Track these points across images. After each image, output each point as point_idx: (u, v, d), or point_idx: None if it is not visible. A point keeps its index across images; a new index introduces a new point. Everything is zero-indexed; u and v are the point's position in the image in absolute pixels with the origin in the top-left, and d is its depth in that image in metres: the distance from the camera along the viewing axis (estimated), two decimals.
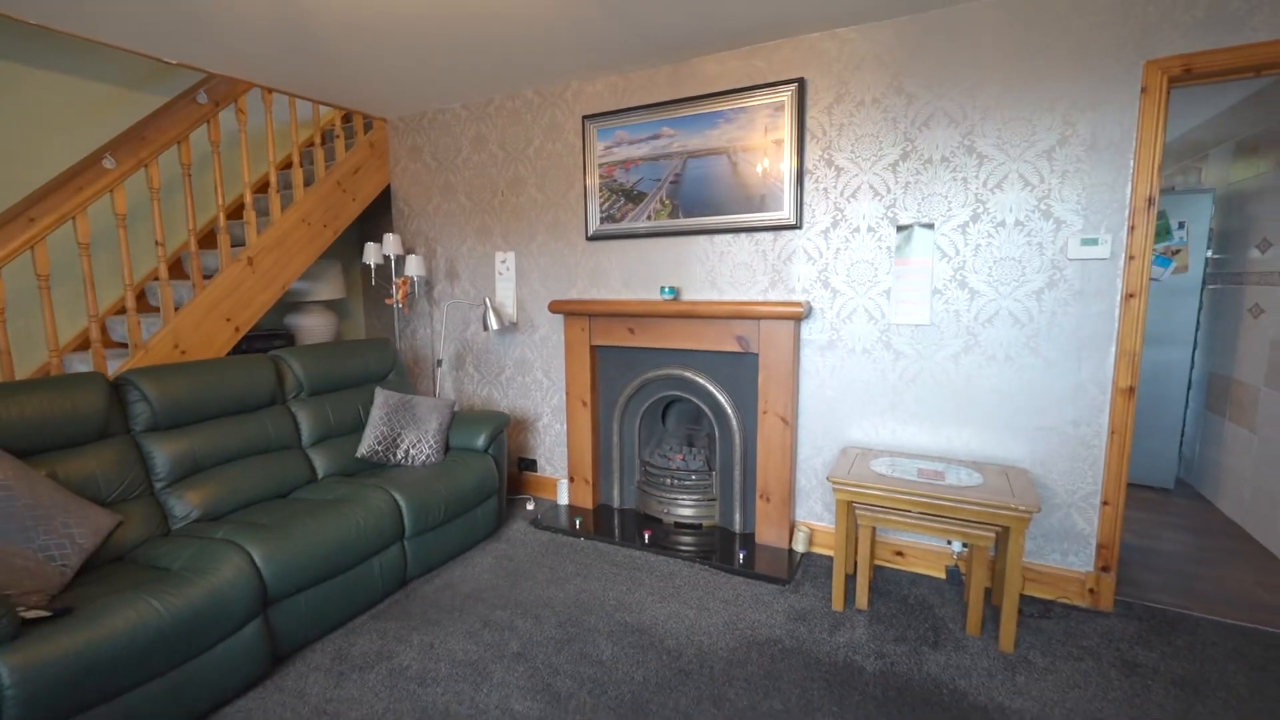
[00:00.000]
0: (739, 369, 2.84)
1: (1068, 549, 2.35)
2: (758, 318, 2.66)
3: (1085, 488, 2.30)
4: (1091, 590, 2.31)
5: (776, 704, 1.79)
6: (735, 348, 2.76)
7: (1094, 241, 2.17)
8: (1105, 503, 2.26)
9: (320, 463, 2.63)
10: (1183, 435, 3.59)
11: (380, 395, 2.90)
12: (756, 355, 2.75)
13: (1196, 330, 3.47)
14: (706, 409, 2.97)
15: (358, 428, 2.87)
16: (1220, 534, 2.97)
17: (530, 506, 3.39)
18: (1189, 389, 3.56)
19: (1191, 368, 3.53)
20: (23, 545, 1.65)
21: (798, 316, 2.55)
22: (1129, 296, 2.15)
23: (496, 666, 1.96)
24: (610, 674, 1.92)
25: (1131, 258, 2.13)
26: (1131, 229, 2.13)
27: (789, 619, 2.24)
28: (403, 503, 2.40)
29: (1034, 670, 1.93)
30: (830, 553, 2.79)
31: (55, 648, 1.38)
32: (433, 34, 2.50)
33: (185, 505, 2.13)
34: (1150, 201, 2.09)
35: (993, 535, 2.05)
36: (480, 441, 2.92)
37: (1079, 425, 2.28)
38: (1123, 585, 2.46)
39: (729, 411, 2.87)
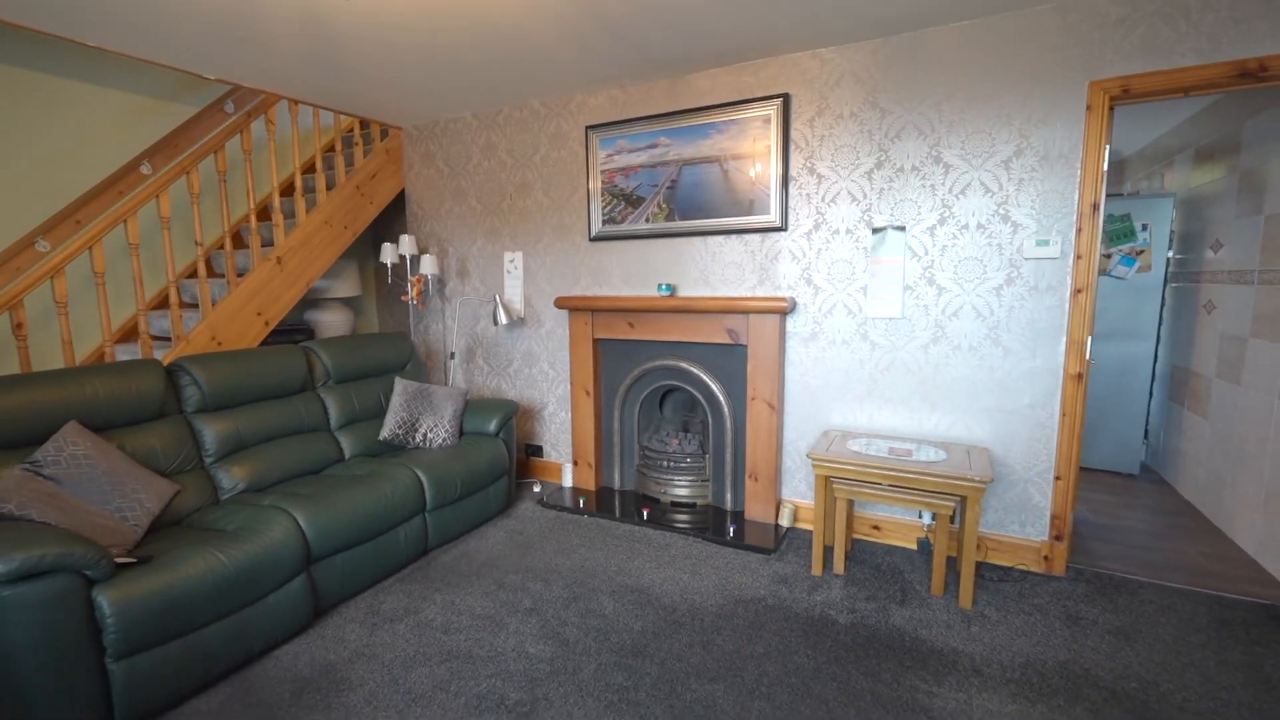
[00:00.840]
0: (729, 359, 3.09)
1: (1025, 520, 2.59)
2: (746, 312, 2.91)
3: (1040, 464, 2.54)
4: (1046, 557, 2.55)
5: (759, 648, 2.03)
6: (726, 340, 3.00)
7: (1046, 243, 2.42)
8: (1058, 478, 2.51)
9: (347, 444, 2.88)
10: (1147, 424, 3.84)
11: (399, 384, 3.14)
12: (746, 347, 2.99)
13: (1159, 325, 3.71)
14: (700, 397, 3.22)
15: (379, 413, 3.12)
16: (1176, 513, 3.21)
17: (537, 489, 3.63)
18: (1153, 381, 3.81)
19: (1155, 361, 3.77)
20: (102, 506, 1.90)
21: (783, 311, 2.80)
22: (1077, 292, 2.39)
23: (511, 619, 2.20)
24: (612, 625, 2.17)
25: (1079, 257, 2.37)
26: (1079, 231, 2.37)
27: (772, 582, 2.48)
28: (424, 479, 2.65)
29: (987, 622, 2.17)
30: (813, 527, 3.04)
31: (143, 587, 1.63)
32: (445, 50, 2.75)
33: (232, 478, 2.37)
34: (1095, 207, 2.33)
35: (953, 505, 2.30)
36: (492, 426, 3.17)
37: (1035, 408, 2.52)
38: (1078, 555, 2.70)
39: (721, 399, 3.12)
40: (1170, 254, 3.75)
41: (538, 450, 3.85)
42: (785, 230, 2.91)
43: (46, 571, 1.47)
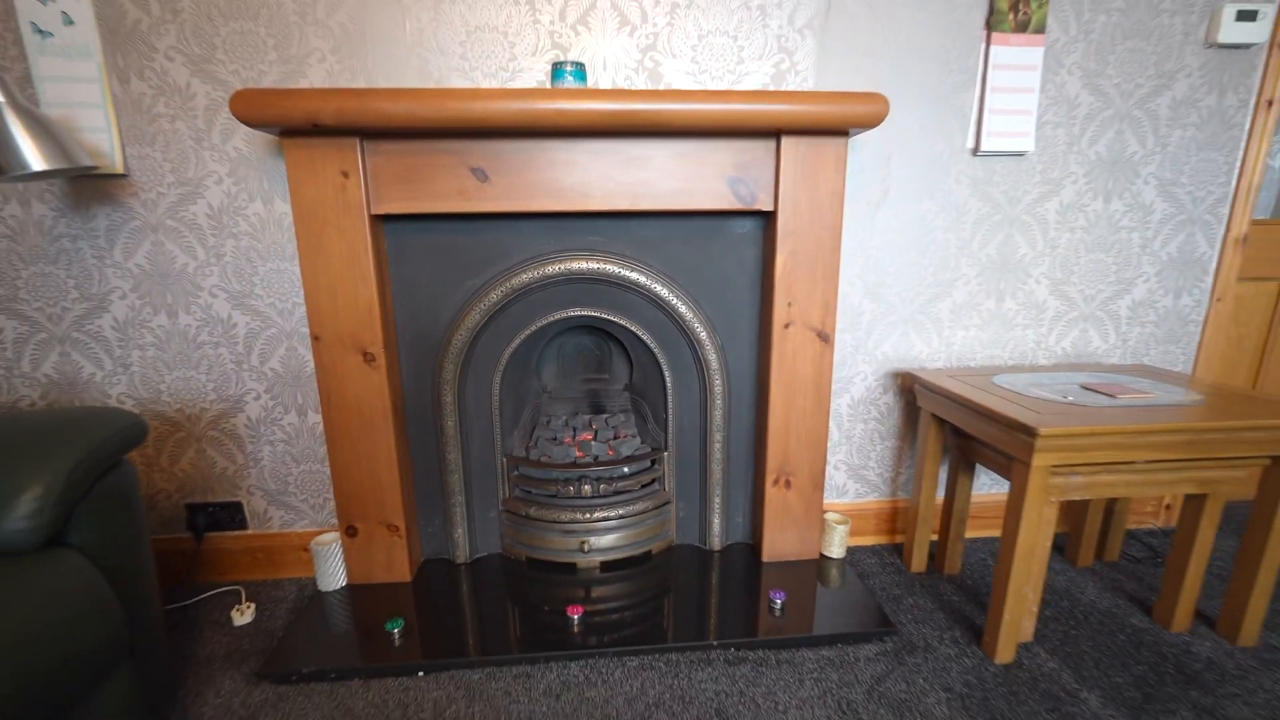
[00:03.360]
0: (715, 250, 1.42)
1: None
2: (776, 129, 1.26)
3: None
4: (1167, 506, 1.75)
5: None
6: (722, 202, 1.31)
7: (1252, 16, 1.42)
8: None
9: None
10: None
11: None
12: (768, 215, 1.36)
13: None
14: (648, 338, 1.47)
15: None
16: None
17: (242, 617, 1.39)
18: None
19: None
20: None
21: (870, 122, 1.24)
22: (1266, 105, 1.48)
23: None
24: None
25: None
26: None
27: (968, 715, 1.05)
28: None
29: None
30: (864, 541, 1.70)
31: None
32: None
33: None
34: None
35: (1244, 474, 1.20)
36: (16, 516, 0.84)
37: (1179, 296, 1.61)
38: None
39: (702, 336, 1.44)
40: None
41: (231, 513, 1.53)
42: None
43: None
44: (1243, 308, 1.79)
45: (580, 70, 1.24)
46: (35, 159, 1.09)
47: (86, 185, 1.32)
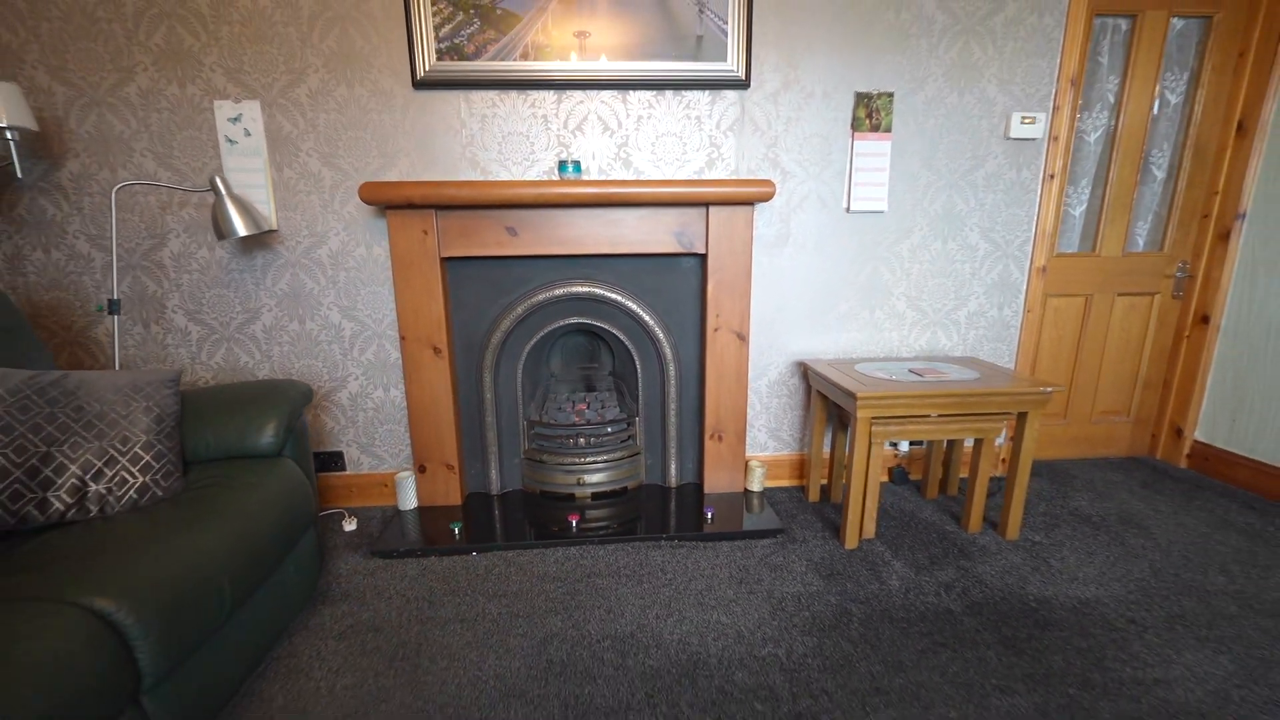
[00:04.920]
0: (671, 278, 2.06)
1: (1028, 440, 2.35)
2: (707, 202, 1.91)
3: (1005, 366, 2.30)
4: (1004, 459, 2.38)
5: (900, 680, 1.23)
6: (671, 248, 1.96)
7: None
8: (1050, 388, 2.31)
9: None
10: None
11: None
12: (702, 256, 2.01)
13: None
14: (624, 338, 2.12)
15: None
16: None
17: (349, 525, 2.03)
18: None
19: None
20: None
21: (763, 199, 1.89)
22: (1049, 178, 2.12)
23: None
24: None
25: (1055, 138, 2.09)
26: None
27: (821, 577, 1.69)
28: (125, 619, 0.97)
29: (1052, 550, 1.81)
30: (780, 483, 2.34)
31: None
32: None
33: None
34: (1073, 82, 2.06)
35: (1000, 425, 1.84)
36: (266, 437, 1.49)
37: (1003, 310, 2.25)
38: None
39: (660, 336, 2.08)
40: None
41: (334, 460, 2.18)
42: (748, 87, 1.97)
43: None
44: (1060, 317, 2.43)
45: (578, 165, 1.89)
46: (241, 228, 1.74)
47: (252, 237, 1.97)
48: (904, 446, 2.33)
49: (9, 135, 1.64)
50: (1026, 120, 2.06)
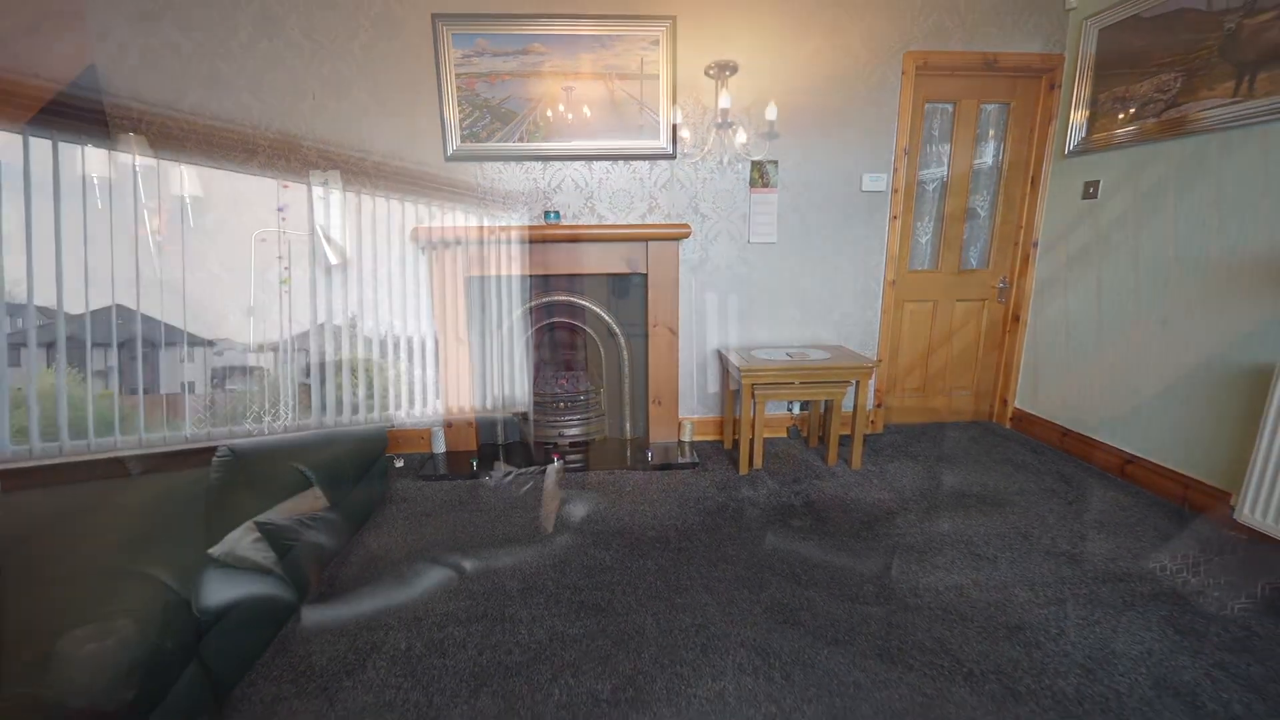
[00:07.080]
0: (624, 290, 2.89)
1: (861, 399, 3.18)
2: (647, 239, 2.74)
3: (870, 353, 3.13)
4: (873, 421, 3.21)
5: (764, 548, 2.05)
6: (623, 270, 2.79)
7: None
8: (880, 360, 3.14)
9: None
10: None
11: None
12: (645, 275, 2.84)
13: None
14: (591, 332, 2.95)
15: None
16: None
17: (399, 464, 2.86)
18: None
19: None
20: None
21: (684, 237, 2.72)
22: (894, 218, 2.96)
23: (519, 608, 1.72)
24: (626, 563, 1.90)
25: (896, 190, 2.92)
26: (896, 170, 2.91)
27: (718, 489, 2.51)
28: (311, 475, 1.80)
29: (880, 473, 2.63)
30: (707, 438, 3.17)
31: None
32: None
33: None
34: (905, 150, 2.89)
35: (844, 389, 2.67)
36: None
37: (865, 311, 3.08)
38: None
39: (617, 331, 2.91)
40: None
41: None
42: (674, 158, 2.80)
43: None
44: (915, 317, 3.25)
45: (557, 214, 2.72)
46: (332, 258, 2.57)
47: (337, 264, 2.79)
48: (796, 409, 3.15)
49: (188, 199, 2.48)
50: (874, 178, 2.89)
